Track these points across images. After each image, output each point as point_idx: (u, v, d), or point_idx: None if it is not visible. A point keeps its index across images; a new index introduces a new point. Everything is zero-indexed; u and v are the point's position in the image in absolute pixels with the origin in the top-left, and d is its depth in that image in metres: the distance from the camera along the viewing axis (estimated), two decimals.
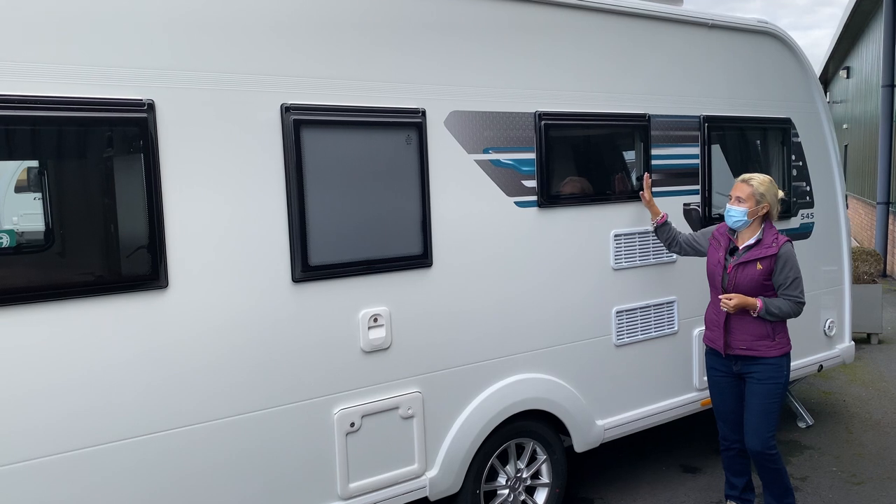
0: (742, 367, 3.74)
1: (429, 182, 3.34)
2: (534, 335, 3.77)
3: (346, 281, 3.13)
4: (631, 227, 4.14)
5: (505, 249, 3.64)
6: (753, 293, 3.62)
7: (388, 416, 3.29)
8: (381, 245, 3.21)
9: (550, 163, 3.79)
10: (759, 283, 3.62)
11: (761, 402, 3.67)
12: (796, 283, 3.62)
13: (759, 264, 3.62)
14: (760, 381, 3.67)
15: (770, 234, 3.67)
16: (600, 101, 3.96)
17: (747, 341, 3.67)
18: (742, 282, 3.64)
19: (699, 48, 4.40)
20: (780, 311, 3.61)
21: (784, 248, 3.62)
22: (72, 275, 2.54)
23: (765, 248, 3.63)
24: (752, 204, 3.64)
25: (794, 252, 3.67)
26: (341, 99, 3.08)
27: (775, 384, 3.67)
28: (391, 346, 3.28)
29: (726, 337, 3.72)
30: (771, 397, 3.68)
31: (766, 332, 3.65)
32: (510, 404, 3.66)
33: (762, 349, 3.65)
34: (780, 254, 3.61)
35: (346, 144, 3.09)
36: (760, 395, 3.67)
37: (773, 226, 3.73)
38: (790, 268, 3.62)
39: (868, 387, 6.38)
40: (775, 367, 3.66)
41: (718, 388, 3.89)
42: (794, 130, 4.98)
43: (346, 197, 3.10)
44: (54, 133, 2.50)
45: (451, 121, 3.42)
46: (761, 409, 3.68)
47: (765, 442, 3.66)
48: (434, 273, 3.40)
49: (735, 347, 3.71)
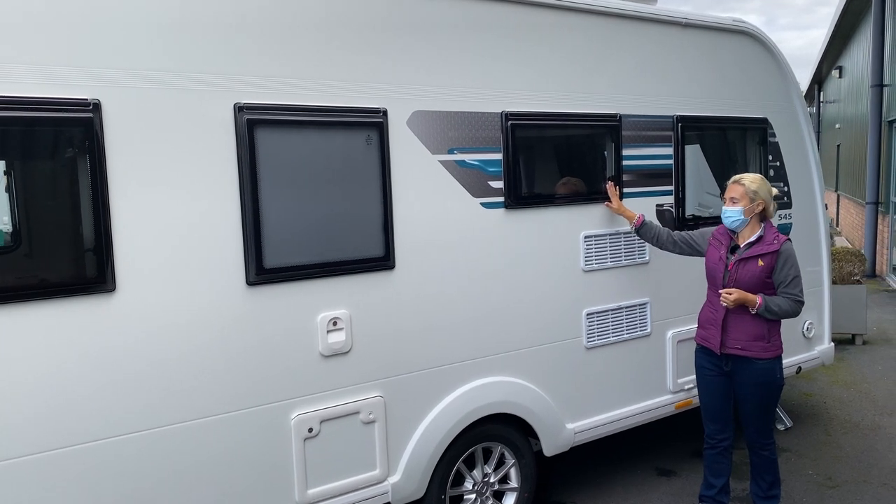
0: (734, 367, 3.73)
1: (391, 183, 3.29)
2: (501, 338, 3.72)
3: (303, 284, 3.08)
4: (602, 229, 4.09)
5: (471, 251, 3.59)
6: (754, 290, 3.62)
7: (349, 421, 3.24)
8: (340, 247, 3.16)
9: (518, 164, 3.74)
10: (761, 279, 3.61)
11: (756, 403, 3.71)
12: (796, 281, 3.61)
13: (761, 261, 3.62)
14: (754, 385, 3.68)
15: (771, 232, 3.67)
16: (570, 101, 3.91)
17: (742, 340, 3.66)
18: (743, 278, 3.63)
19: (672, 47, 4.35)
20: (780, 308, 3.59)
21: (785, 245, 3.63)
22: (15, 278, 2.48)
23: (766, 244, 3.63)
24: (747, 202, 3.64)
25: (794, 250, 3.67)
26: (297, 98, 3.02)
27: (768, 389, 3.69)
28: (352, 350, 3.23)
29: (722, 335, 3.71)
30: (765, 399, 3.71)
31: (761, 333, 3.63)
32: (476, 408, 3.61)
33: (756, 350, 3.64)
34: (781, 251, 3.61)
35: (303, 144, 3.04)
36: (755, 396, 3.70)
37: (773, 224, 3.74)
38: (791, 265, 3.61)
39: (849, 388, 6.34)
40: (767, 372, 3.66)
41: (708, 387, 3.87)
42: (770, 130, 4.93)
43: (303, 198, 3.04)
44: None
45: (415, 121, 3.36)
46: (756, 408, 3.72)
47: (762, 434, 3.75)
48: (397, 275, 3.35)
49: (730, 346, 3.69)
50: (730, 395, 3.82)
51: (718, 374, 3.81)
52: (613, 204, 4.05)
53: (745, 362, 3.68)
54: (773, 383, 3.70)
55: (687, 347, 4.52)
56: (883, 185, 12.32)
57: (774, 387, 3.72)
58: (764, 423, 3.77)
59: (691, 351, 4.53)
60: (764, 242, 3.66)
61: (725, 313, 3.69)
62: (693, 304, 4.56)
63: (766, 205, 3.69)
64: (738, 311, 3.66)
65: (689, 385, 4.53)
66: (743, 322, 3.66)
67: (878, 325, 8.69)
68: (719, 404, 3.85)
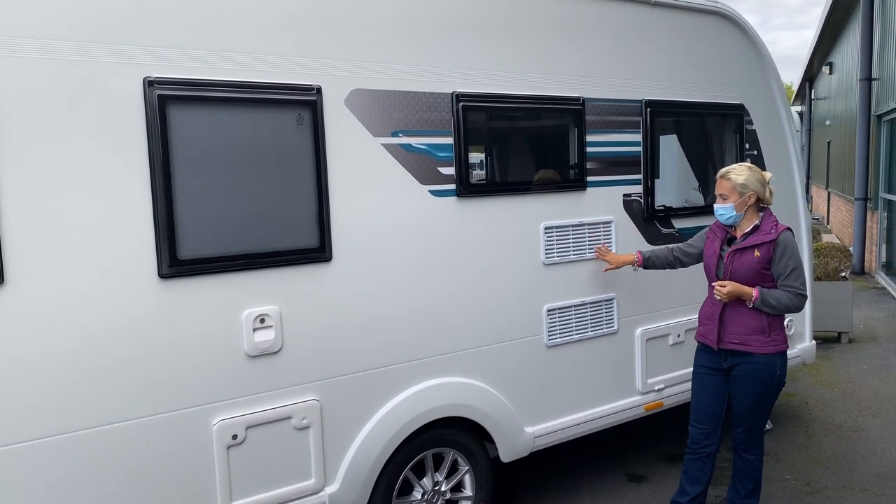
0: (732, 362, 3.49)
1: (327, 167, 3.03)
2: (453, 336, 3.46)
3: (225, 277, 2.81)
4: (564, 219, 3.83)
5: (419, 242, 3.33)
6: (750, 282, 3.40)
7: (279, 427, 2.97)
8: (268, 237, 2.89)
9: (471, 149, 3.48)
10: (757, 271, 3.39)
11: (750, 402, 3.47)
12: (797, 273, 3.37)
13: (757, 251, 3.40)
14: (751, 381, 3.44)
15: (769, 222, 3.45)
16: (529, 83, 3.65)
17: (741, 335, 3.43)
18: (739, 269, 3.42)
19: (641, 28, 4.09)
20: (779, 302, 3.36)
21: (784, 235, 3.40)
22: None
23: (763, 234, 3.41)
24: (736, 197, 3.43)
25: (794, 241, 3.43)
26: (217, 73, 2.75)
27: (766, 386, 3.44)
28: (282, 350, 2.96)
29: (720, 330, 3.48)
30: (761, 398, 3.47)
31: (761, 327, 3.41)
32: (424, 412, 3.35)
33: (756, 344, 3.41)
34: (779, 241, 3.38)
35: (225, 123, 2.77)
36: (750, 394, 3.46)
37: (772, 214, 3.52)
38: (789, 256, 3.37)
39: (833, 388, 6.10)
40: (767, 367, 3.42)
41: (702, 387, 3.63)
42: (747, 117, 4.69)
43: (224, 183, 2.78)
44: None
45: (354, 100, 3.10)
46: (750, 408, 3.48)
47: (750, 437, 3.52)
48: (334, 268, 3.08)
49: (728, 341, 3.47)
50: (724, 396, 3.58)
51: (715, 372, 3.57)
52: (612, 263, 3.88)
53: (744, 357, 3.46)
54: (773, 380, 3.45)
55: (657, 346, 4.28)
56: (872, 181, 12.11)
57: (773, 384, 3.46)
58: (756, 423, 3.52)
59: (662, 349, 4.31)
60: (760, 232, 3.44)
61: (723, 308, 3.48)
62: (664, 301, 4.32)
63: (758, 194, 3.46)
64: (736, 304, 3.44)
65: (660, 385, 4.29)
66: (741, 316, 3.44)
67: (865, 322, 8.46)
68: (711, 407, 3.59)
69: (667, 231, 4.31)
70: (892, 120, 11.05)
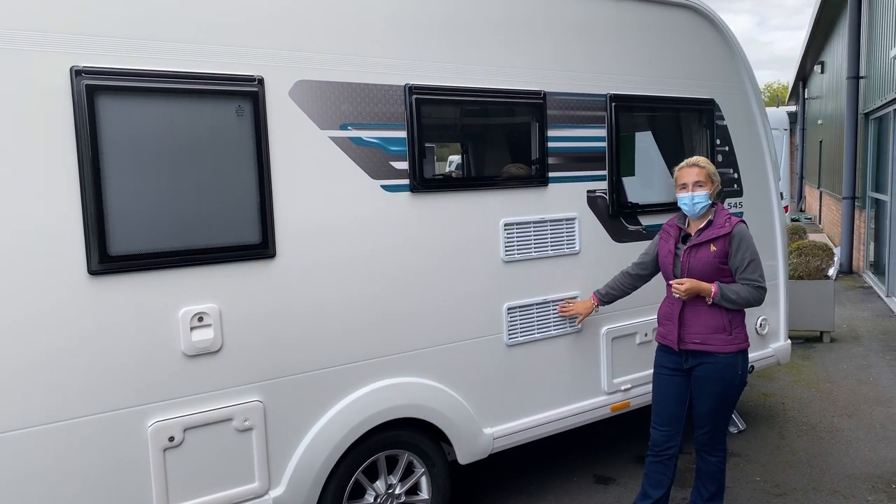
0: (693, 363, 3.41)
1: (270, 161, 2.93)
2: (407, 335, 3.37)
3: (160, 274, 2.71)
4: (524, 216, 3.74)
5: (370, 238, 3.24)
6: (708, 278, 3.33)
7: (220, 429, 2.88)
8: (207, 233, 2.80)
9: (425, 143, 3.39)
10: (715, 266, 3.33)
11: (711, 403, 3.38)
12: (754, 265, 3.32)
13: (713, 245, 3.33)
14: (712, 381, 3.36)
15: (722, 215, 3.40)
16: (487, 75, 3.56)
17: (702, 334, 3.36)
18: (696, 266, 3.35)
19: (605, 20, 4.01)
20: (739, 296, 3.29)
21: (738, 227, 3.35)
22: None
23: (717, 227, 3.35)
24: (710, 186, 3.39)
25: (749, 233, 3.37)
26: (150, 62, 2.66)
27: (727, 385, 3.36)
28: (222, 349, 2.87)
29: (680, 331, 3.40)
30: (722, 398, 3.38)
31: (722, 325, 3.33)
32: (376, 413, 3.26)
33: (717, 343, 3.33)
34: (734, 233, 3.32)
35: (160, 115, 2.67)
36: (711, 395, 3.37)
37: (724, 207, 3.47)
38: (745, 248, 3.31)
39: (812, 388, 6.02)
40: (729, 367, 3.34)
41: (662, 389, 3.54)
42: (718, 112, 4.60)
43: (160, 177, 2.68)
44: None
45: (299, 91, 3.01)
46: (711, 409, 3.39)
47: (712, 438, 3.44)
48: (279, 265, 2.99)
49: (689, 341, 3.39)
50: (685, 398, 3.49)
51: (676, 373, 3.48)
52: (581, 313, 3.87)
53: (705, 357, 3.37)
54: (734, 380, 3.37)
55: (623, 345, 4.20)
56: (859, 180, 12.04)
57: (734, 384, 3.38)
58: (718, 424, 3.43)
59: (628, 349, 4.23)
60: (715, 226, 3.37)
61: (682, 307, 3.40)
62: (631, 299, 4.23)
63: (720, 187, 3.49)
64: (695, 302, 3.37)
65: (627, 385, 4.20)
66: (701, 314, 3.36)
67: (849, 322, 8.39)
68: (672, 408, 3.51)
69: (633, 228, 4.23)
70: (880, 118, 10.97)
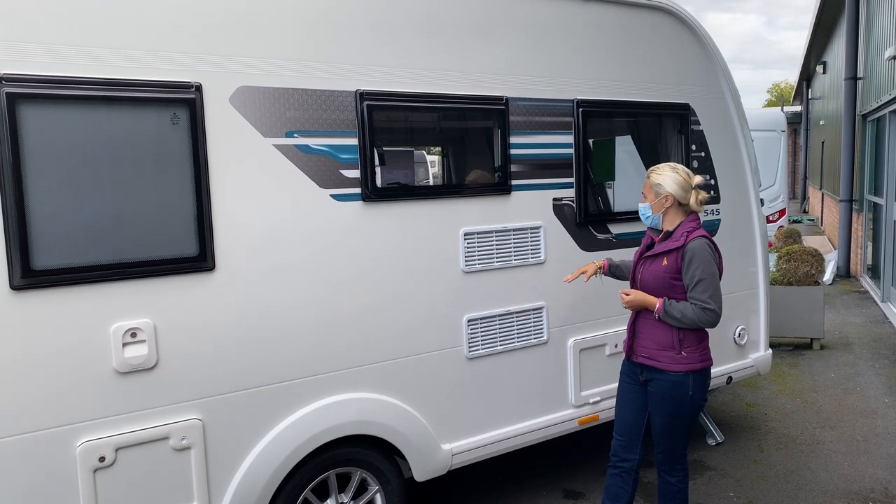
0: (647, 377, 3.29)
1: (208, 169, 2.83)
2: (359, 349, 3.27)
3: (89, 288, 2.62)
4: (486, 225, 3.63)
5: (319, 250, 3.14)
6: (659, 293, 3.20)
7: (156, 448, 2.78)
8: (141, 245, 2.70)
9: (378, 151, 3.28)
10: (666, 280, 3.18)
11: (663, 421, 3.25)
12: (703, 285, 3.09)
13: (665, 259, 3.19)
14: (662, 398, 3.22)
15: (683, 228, 3.20)
16: (444, 81, 3.46)
17: (650, 349, 3.24)
18: (646, 278, 3.26)
19: (572, 23, 3.89)
20: (683, 315, 3.11)
21: (693, 242, 3.13)
22: None
23: (672, 241, 3.20)
24: (653, 197, 3.25)
25: (706, 249, 3.13)
26: (78, 69, 2.56)
27: (677, 404, 3.19)
28: (158, 366, 2.77)
29: (632, 341, 3.31)
30: (673, 418, 3.23)
31: (670, 342, 3.18)
32: (324, 430, 3.15)
33: (664, 361, 3.19)
34: (686, 249, 3.13)
35: (88, 124, 2.57)
36: (662, 412, 3.24)
37: (695, 218, 3.25)
38: (696, 266, 3.10)
39: (796, 398, 5.89)
40: (676, 385, 3.17)
41: (622, 397, 3.44)
42: (693, 117, 4.48)
43: (90, 188, 2.59)
44: None
45: (241, 98, 2.91)
46: (663, 427, 3.26)
47: (668, 458, 3.29)
48: (218, 278, 2.89)
49: (639, 354, 3.29)
50: (644, 409, 3.36)
51: (634, 383, 3.37)
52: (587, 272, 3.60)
53: (655, 373, 3.24)
54: (683, 400, 3.19)
55: (592, 357, 4.08)
56: (857, 182, 11.87)
57: (685, 405, 3.20)
58: (672, 444, 3.27)
59: (597, 360, 4.11)
60: (671, 239, 3.21)
61: (635, 317, 3.31)
62: (600, 309, 4.13)
63: (676, 197, 3.20)
64: (647, 315, 3.25)
65: (596, 398, 4.09)
66: (650, 328, 3.24)
67: (840, 328, 8.24)
68: (630, 417, 3.39)
69: (602, 236, 4.11)
70: (877, 120, 10.81)
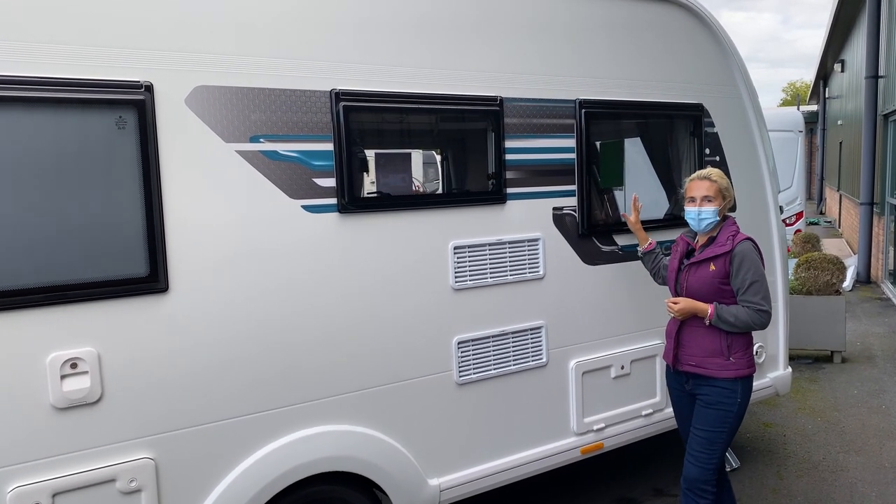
0: (693, 385, 3.17)
1: (160, 179, 2.53)
2: (335, 377, 2.95)
3: (19, 314, 2.31)
4: (478, 237, 3.31)
5: (289, 267, 2.83)
6: (708, 298, 3.13)
7: (100, 492, 2.48)
8: (82, 265, 2.40)
9: (356, 157, 2.97)
10: (715, 286, 3.11)
11: (706, 429, 3.11)
12: (756, 287, 3.06)
13: (712, 264, 3.12)
14: (708, 406, 3.10)
15: (727, 232, 3.17)
16: (431, 79, 3.14)
17: (698, 356, 3.15)
18: (693, 284, 3.16)
19: (575, 18, 3.56)
20: (737, 319, 3.05)
21: (741, 245, 3.10)
22: None
23: (718, 245, 3.13)
24: (720, 201, 3.17)
25: (753, 251, 3.11)
26: (7, 67, 2.26)
27: (724, 412, 3.10)
28: (102, 400, 2.47)
29: (677, 350, 3.22)
30: (717, 425, 3.09)
31: (719, 348, 3.10)
32: (295, 466, 2.84)
33: (713, 368, 3.11)
34: (735, 252, 3.09)
35: (18, 127, 2.28)
36: (706, 422, 3.11)
37: (733, 223, 3.23)
38: (747, 269, 3.07)
39: (817, 417, 5.51)
40: (727, 392, 3.09)
41: (676, 409, 3.38)
42: (707, 119, 4.13)
43: (19, 200, 2.29)
44: None
45: (198, 99, 2.60)
46: (705, 437, 3.11)
47: (703, 473, 3.11)
48: (172, 300, 2.58)
49: (685, 363, 3.20)
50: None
51: (682, 393, 3.27)
52: (632, 218, 3.63)
53: (703, 381, 3.12)
54: (731, 408, 3.08)
55: (596, 380, 3.75)
56: (878, 184, 11.43)
57: (732, 413, 3.09)
58: (707, 458, 3.10)
59: (601, 384, 3.79)
60: (717, 243, 3.13)
61: (680, 325, 3.20)
62: (605, 328, 3.80)
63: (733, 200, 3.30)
64: (694, 322, 3.16)
65: (600, 425, 3.75)
66: (698, 335, 3.15)
67: (863, 339, 7.83)
68: (687, 430, 3.25)
69: (608, 248, 3.77)
70: None
